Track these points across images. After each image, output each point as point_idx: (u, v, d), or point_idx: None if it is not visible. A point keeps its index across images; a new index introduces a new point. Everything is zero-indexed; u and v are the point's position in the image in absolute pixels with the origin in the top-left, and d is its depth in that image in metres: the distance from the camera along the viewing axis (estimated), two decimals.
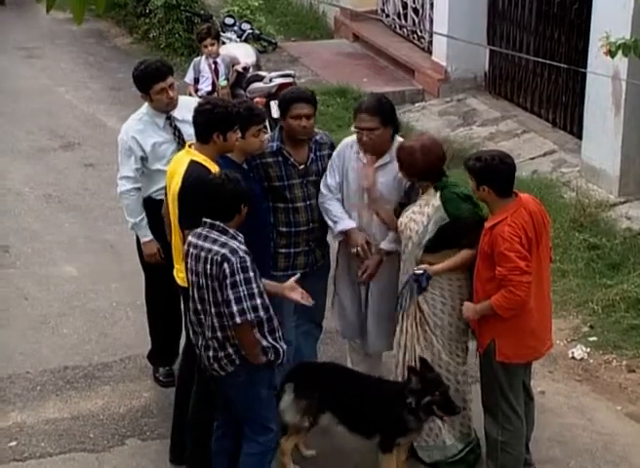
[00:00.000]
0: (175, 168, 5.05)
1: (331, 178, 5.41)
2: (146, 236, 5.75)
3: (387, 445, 5.07)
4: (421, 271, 5.04)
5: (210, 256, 4.54)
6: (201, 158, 4.92)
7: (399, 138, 5.41)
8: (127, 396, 6.02)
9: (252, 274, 4.51)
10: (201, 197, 4.67)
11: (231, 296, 4.48)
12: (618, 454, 5.57)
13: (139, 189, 5.73)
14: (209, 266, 4.54)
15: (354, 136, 5.40)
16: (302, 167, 5.46)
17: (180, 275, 5.08)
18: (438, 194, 5.05)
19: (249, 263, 4.50)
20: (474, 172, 4.83)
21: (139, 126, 5.71)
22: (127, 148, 5.69)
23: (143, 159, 5.68)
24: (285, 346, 4.75)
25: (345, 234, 5.41)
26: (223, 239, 4.57)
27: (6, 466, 5.47)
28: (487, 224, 4.83)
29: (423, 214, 5.06)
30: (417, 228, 5.06)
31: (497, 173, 4.80)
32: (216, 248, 4.54)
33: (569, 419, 5.85)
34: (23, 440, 5.66)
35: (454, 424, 5.24)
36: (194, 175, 4.85)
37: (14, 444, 5.63)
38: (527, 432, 5.20)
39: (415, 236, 5.06)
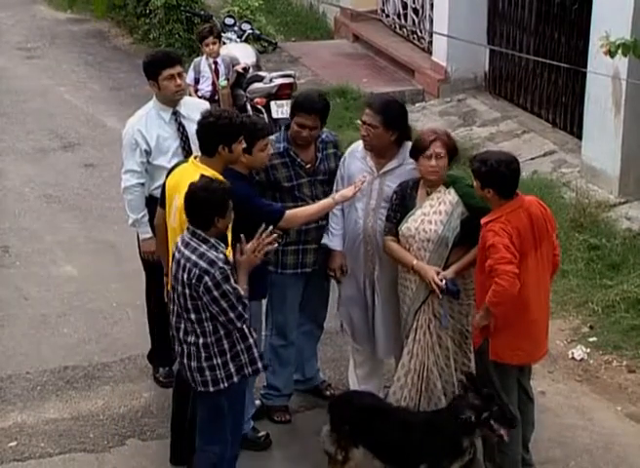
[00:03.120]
0: (180, 180, 4.99)
1: (337, 186, 5.43)
2: (147, 233, 5.74)
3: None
4: (443, 282, 4.99)
5: (188, 266, 4.57)
6: (210, 172, 4.89)
7: (411, 144, 5.35)
8: (127, 396, 6.02)
9: (232, 280, 4.59)
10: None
11: (225, 305, 4.56)
12: (618, 455, 5.57)
13: (143, 185, 5.73)
14: (185, 275, 4.58)
15: (359, 142, 5.42)
16: (309, 166, 5.47)
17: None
18: (452, 190, 5.05)
19: (228, 272, 4.57)
20: (480, 175, 4.83)
21: (144, 119, 5.73)
22: (132, 142, 5.69)
23: (147, 153, 5.68)
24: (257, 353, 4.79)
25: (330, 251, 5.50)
26: (203, 249, 4.58)
27: (6, 466, 5.47)
28: (483, 221, 4.85)
29: (440, 213, 5.04)
30: (435, 228, 5.03)
31: (502, 177, 4.81)
32: (194, 258, 4.56)
33: (569, 420, 5.85)
34: (23, 440, 5.66)
35: None
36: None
37: (14, 444, 5.63)
38: (527, 433, 5.20)
39: (434, 236, 5.03)
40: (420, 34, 11.49)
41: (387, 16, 12.12)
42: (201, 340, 4.66)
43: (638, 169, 8.17)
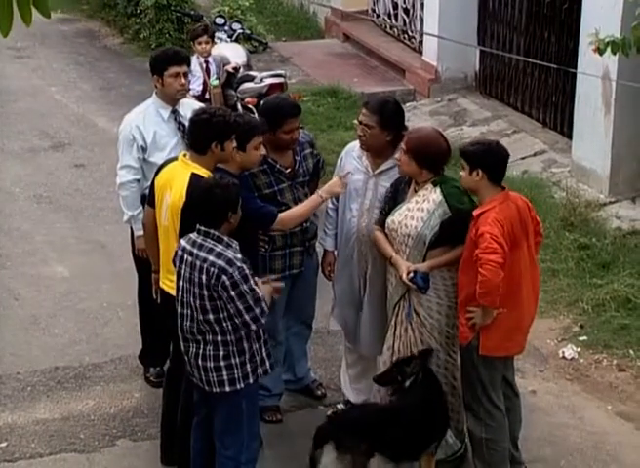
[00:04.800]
0: (170, 178, 5.00)
1: None
2: (141, 229, 5.72)
3: (438, 445, 5.12)
4: (412, 274, 5.03)
5: (205, 267, 4.54)
6: (202, 171, 4.89)
7: None
8: (118, 396, 6.01)
9: (252, 281, 4.56)
10: (191, 202, 4.66)
11: (241, 307, 4.53)
12: (608, 453, 5.58)
13: (138, 181, 5.70)
14: (203, 276, 4.55)
15: (356, 142, 5.44)
16: (289, 170, 5.47)
17: (166, 282, 5.11)
18: (438, 189, 5.05)
19: (247, 272, 4.55)
20: (470, 155, 4.85)
21: (142, 116, 5.72)
22: (130, 138, 5.66)
23: (144, 149, 5.66)
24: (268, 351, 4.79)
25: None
26: (219, 248, 4.56)
27: None
28: (475, 213, 4.85)
29: (422, 210, 5.04)
30: (415, 224, 5.04)
31: (493, 157, 4.86)
32: (211, 258, 4.54)
33: (559, 419, 5.87)
34: (14, 440, 5.64)
35: (450, 422, 5.24)
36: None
37: (4, 445, 5.61)
38: (514, 430, 5.21)
39: (414, 232, 5.05)
40: (410, 34, 11.51)
41: (378, 15, 12.13)
42: (220, 338, 4.62)
43: (628, 168, 8.20)
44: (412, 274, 5.01)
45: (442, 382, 5.17)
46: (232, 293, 4.51)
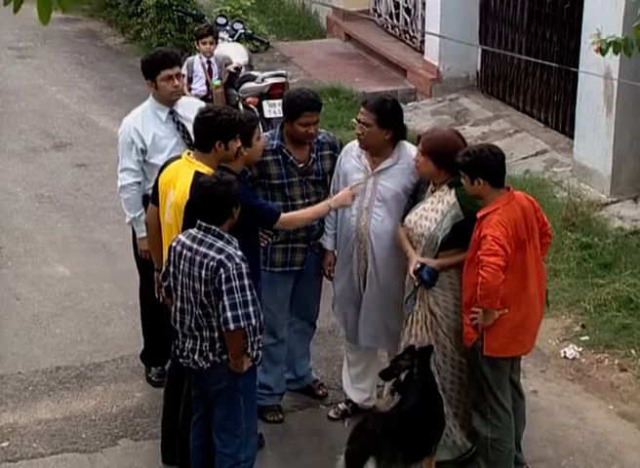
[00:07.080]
0: (173, 176, 5.00)
1: (335, 185, 5.46)
2: (143, 231, 5.71)
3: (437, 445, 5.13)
4: (419, 265, 5.03)
5: (205, 262, 4.55)
6: (205, 169, 4.89)
7: (406, 143, 5.37)
8: (119, 396, 6.02)
9: (247, 281, 4.55)
10: (194, 200, 4.66)
11: (226, 303, 4.51)
12: (610, 453, 5.58)
13: (139, 183, 5.71)
14: (204, 271, 4.55)
15: (355, 141, 5.44)
16: (302, 165, 5.48)
17: None
18: (453, 191, 5.05)
19: (244, 270, 4.54)
20: (466, 167, 4.83)
21: (140, 118, 5.72)
22: (129, 141, 5.67)
23: (143, 152, 5.67)
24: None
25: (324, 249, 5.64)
26: (220, 244, 4.57)
27: None
28: (479, 215, 4.84)
29: (437, 211, 5.05)
30: (429, 225, 5.05)
31: (488, 163, 4.82)
32: (212, 253, 4.55)
33: (561, 418, 5.86)
34: (15, 440, 5.64)
35: (464, 423, 5.24)
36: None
37: (6, 444, 5.62)
38: (518, 431, 5.21)
39: (427, 232, 5.05)
40: (412, 34, 11.51)
41: (379, 15, 12.13)
42: (217, 334, 4.62)
43: (630, 168, 8.19)
44: (418, 265, 5.02)
45: (456, 383, 5.16)
46: (223, 288, 4.51)
